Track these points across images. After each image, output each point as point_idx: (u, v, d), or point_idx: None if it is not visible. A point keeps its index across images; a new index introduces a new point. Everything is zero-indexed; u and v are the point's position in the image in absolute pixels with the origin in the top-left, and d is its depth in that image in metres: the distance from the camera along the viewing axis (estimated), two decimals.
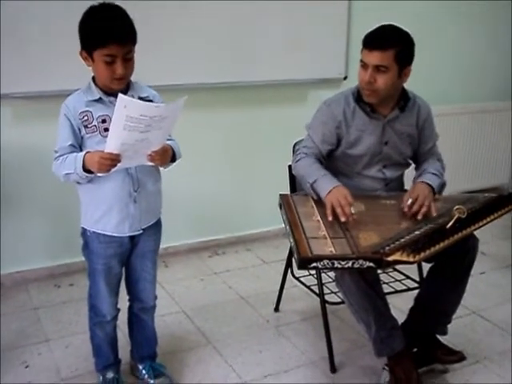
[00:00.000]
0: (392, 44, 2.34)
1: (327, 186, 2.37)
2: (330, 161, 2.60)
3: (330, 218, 2.28)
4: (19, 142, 3.16)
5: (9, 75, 2.97)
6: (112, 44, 1.96)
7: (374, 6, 3.90)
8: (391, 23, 2.40)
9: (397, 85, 2.45)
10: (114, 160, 1.96)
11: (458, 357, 2.55)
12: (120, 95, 1.86)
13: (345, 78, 3.94)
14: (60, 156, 2.08)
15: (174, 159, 2.19)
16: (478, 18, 4.52)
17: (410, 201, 2.37)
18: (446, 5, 4.29)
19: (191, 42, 3.41)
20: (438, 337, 2.58)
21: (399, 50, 2.35)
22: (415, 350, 2.55)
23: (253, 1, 3.51)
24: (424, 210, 2.35)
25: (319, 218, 2.32)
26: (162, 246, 2.41)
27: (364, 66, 2.40)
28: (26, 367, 2.61)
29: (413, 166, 2.73)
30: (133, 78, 2.13)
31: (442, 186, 2.56)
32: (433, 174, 2.53)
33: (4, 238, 3.25)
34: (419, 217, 2.33)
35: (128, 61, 2.02)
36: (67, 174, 2.06)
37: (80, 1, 2.05)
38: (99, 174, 2.03)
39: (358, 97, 2.51)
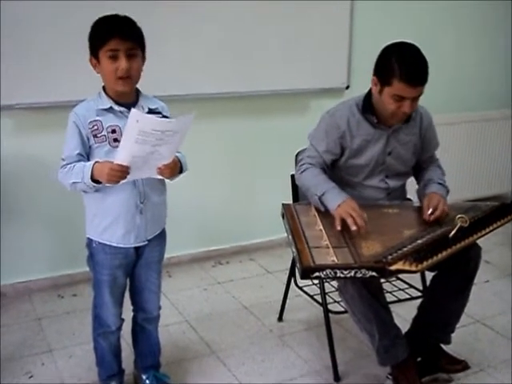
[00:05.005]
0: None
1: (336, 199, 2.36)
2: (332, 170, 2.60)
3: (339, 228, 2.28)
4: (20, 153, 3.16)
5: (9, 86, 2.97)
6: (113, 38, 1.99)
7: (376, 15, 3.92)
8: (418, 50, 2.35)
9: None
10: (123, 172, 1.96)
11: (461, 366, 2.55)
12: (133, 110, 1.87)
13: (347, 87, 3.95)
14: (67, 164, 2.08)
15: (180, 171, 2.19)
16: (479, 25, 4.54)
17: (430, 210, 2.38)
18: (447, 15, 4.31)
19: (192, 53, 3.42)
20: (442, 346, 2.58)
21: None
22: (419, 359, 2.55)
23: (254, 11, 3.53)
24: (445, 214, 2.39)
25: (321, 227, 2.33)
26: (166, 255, 2.41)
27: (399, 99, 2.34)
28: (30, 377, 2.61)
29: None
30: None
31: (447, 193, 2.57)
32: (438, 183, 2.55)
33: (7, 248, 3.25)
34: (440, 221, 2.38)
35: (132, 58, 2.03)
36: (74, 182, 2.06)
37: (83, 11, 2.07)
38: (107, 184, 2.03)
39: (363, 108, 2.51)
